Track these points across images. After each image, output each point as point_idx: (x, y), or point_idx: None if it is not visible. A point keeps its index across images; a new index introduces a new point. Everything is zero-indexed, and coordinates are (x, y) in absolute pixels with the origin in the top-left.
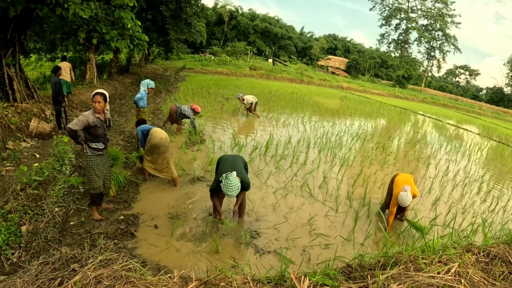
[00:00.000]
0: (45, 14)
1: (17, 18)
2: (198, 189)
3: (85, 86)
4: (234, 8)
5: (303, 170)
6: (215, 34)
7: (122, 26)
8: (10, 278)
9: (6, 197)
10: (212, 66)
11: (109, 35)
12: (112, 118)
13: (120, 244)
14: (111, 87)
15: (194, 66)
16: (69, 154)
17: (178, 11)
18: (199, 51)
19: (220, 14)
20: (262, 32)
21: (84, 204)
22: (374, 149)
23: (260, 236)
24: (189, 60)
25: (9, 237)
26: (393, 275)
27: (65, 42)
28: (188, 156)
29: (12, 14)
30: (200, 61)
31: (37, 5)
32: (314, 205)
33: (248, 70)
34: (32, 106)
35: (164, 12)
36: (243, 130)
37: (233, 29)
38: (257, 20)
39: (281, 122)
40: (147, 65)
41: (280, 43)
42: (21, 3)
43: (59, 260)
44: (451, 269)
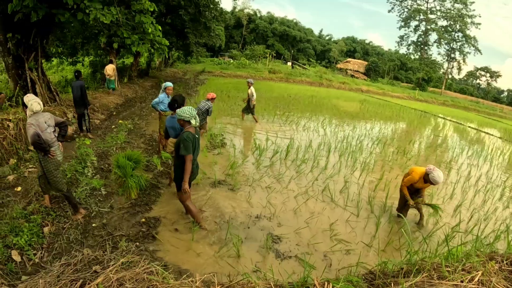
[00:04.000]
0: (67, 19)
1: (39, 23)
2: (219, 193)
3: (106, 90)
4: (252, 12)
5: (324, 174)
6: (233, 37)
7: (143, 31)
8: (32, 279)
9: (29, 198)
10: (231, 70)
11: (130, 40)
12: (133, 121)
13: (141, 247)
14: (131, 90)
15: (213, 69)
16: (91, 156)
17: (197, 15)
18: (218, 55)
19: (238, 17)
20: (281, 35)
21: (106, 206)
22: (395, 154)
23: (281, 241)
24: (208, 63)
25: (32, 237)
26: (416, 283)
27: (86, 46)
28: (209, 159)
29: (34, 19)
30: (219, 64)
31: (59, 10)
32: (335, 210)
33: (267, 74)
34: (54, 109)
35: (184, 16)
36: (263, 133)
37: (252, 33)
38: (275, 23)
39: (301, 125)
40: (167, 68)
41: (298, 46)
42: (43, 9)
43: (81, 262)
44: (475, 278)
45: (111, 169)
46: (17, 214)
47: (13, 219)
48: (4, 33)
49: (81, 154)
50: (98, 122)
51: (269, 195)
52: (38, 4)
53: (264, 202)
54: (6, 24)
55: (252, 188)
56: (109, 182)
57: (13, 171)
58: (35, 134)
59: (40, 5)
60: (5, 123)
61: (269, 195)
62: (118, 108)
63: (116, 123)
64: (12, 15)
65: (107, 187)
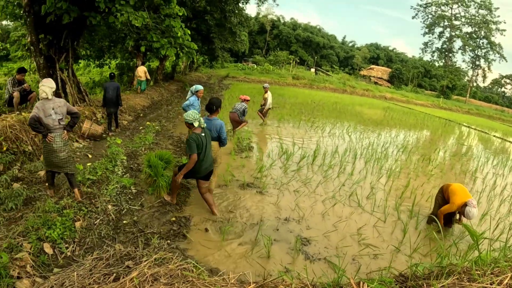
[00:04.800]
0: (98, 22)
1: (71, 25)
2: (248, 195)
3: (133, 92)
4: (276, 18)
5: (351, 180)
6: (257, 43)
7: (172, 35)
8: (64, 271)
9: (61, 193)
10: (255, 75)
11: (159, 43)
12: (160, 123)
13: (173, 245)
14: (157, 93)
15: (237, 74)
16: (121, 155)
17: (222, 20)
18: (242, 60)
19: (262, 23)
20: (304, 41)
21: (136, 204)
22: (420, 161)
23: (310, 243)
24: (232, 68)
25: (64, 231)
26: (448, 285)
27: (113, 50)
28: (237, 162)
29: (66, 21)
30: (243, 69)
31: (91, 13)
32: (362, 215)
33: (291, 80)
34: (84, 109)
35: (209, 21)
36: (289, 138)
37: (275, 38)
38: (299, 29)
39: (326, 131)
40: (191, 73)
41: (322, 53)
42: (75, 11)
43: (113, 257)
44: (504, 281)
45: (140, 168)
46: (49, 208)
47: (46, 212)
48: (37, 34)
49: (112, 153)
50: (126, 123)
51: (297, 198)
52: (70, 6)
53: (293, 205)
54: (38, 25)
55: (280, 192)
56: (139, 181)
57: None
58: (33, 117)
59: (73, 8)
60: None
61: (297, 198)
62: (145, 110)
63: (144, 124)
64: (44, 17)
65: (137, 186)
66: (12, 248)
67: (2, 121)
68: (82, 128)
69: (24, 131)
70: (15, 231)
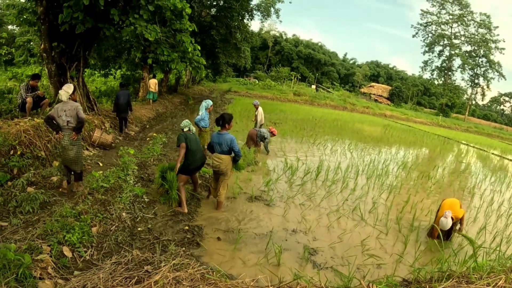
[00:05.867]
0: (111, 33)
1: (84, 35)
2: (256, 207)
3: (138, 103)
4: (278, 34)
5: (353, 195)
6: (259, 58)
7: (183, 50)
8: (84, 274)
9: (75, 199)
10: (257, 90)
11: (170, 57)
12: (166, 135)
13: (188, 252)
14: (162, 106)
15: (239, 89)
16: (133, 165)
17: (228, 35)
18: (244, 75)
19: (264, 39)
20: (306, 58)
21: (149, 212)
22: (420, 178)
23: (317, 253)
24: (234, 83)
25: (83, 236)
26: (448, 287)
27: (118, 60)
28: (244, 175)
29: (79, 31)
30: (245, 84)
31: (105, 25)
32: (365, 228)
33: (292, 96)
34: (93, 118)
35: (215, 36)
36: (293, 154)
37: (277, 54)
38: (300, 46)
39: (328, 148)
40: (194, 86)
41: (323, 69)
42: (90, 22)
43: (132, 261)
44: (498, 282)
45: (150, 178)
46: (66, 213)
47: (63, 217)
48: (50, 42)
49: (124, 162)
50: (133, 134)
51: (303, 211)
52: (86, 17)
53: (299, 218)
54: (52, 33)
55: (287, 205)
56: (150, 190)
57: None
58: (49, 115)
59: (88, 19)
60: None
61: (303, 211)
62: (151, 121)
63: (150, 135)
64: (58, 25)
65: (149, 195)
66: (33, 250)
67: (16, 126)
68: (92, 136)
69: (38, 136)
70: (33, 234)
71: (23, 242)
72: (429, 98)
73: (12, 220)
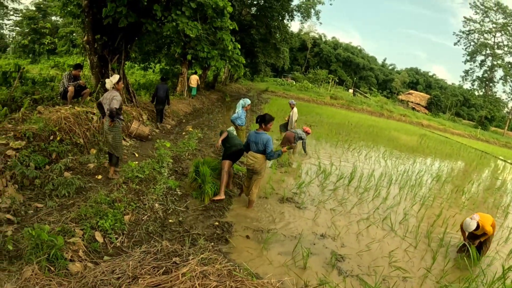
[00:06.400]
0: (153, 29)
1: (126, 29)
2: (287, 208)
3: (176, 98)
4: (317, 36)
5: (385, 204)
6: (297, 59)
7: (223, 47)
8: (114, 260)
9: (110, 187)
10: (293, 91)
11: (210, 54)
12: (202, 131)
13: (216, 248)
14: (199, 102)
15: (276, 89)
16: (168, 158)
17: (267, 35)
18: (282, 75)
19: (303, 40)
20: (344, 61)
21: (181, 205)
22: (454, 192)
23: (344, 260)
24: (271, 83)
25: (115, 223)
26: None
27: (158, 54)
28: (277, 176)
29: (122, 25)
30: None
31: (147, 20)
32: (394, 239)
33: (329, 99)
34: (131, 109)
35: (254, 35)
36: (327, 158)
37: (316, 56)
38: (339, 49)
39: (363, 154)
40: (232, 84)
41: (361, 74)
42: (133, 17)
43: (161, 252)
44: None
45: (184, 172)
46: (101, 199)
47: (97, 203)
48: (93, 34)
49: (160, 155)
50: (169, 127)
51: (333, 217)
52: (130, 12)
53: (329, 223)
54: (96, 26)
55: (318, 209)
56: (183, 184)
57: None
58: (99, 101)
59: (131, 13)
60: (90, 116)
61: (333, 217)
62: (187, 116)
63: (186, 130)
64: (101, 19)
65: (182, 189)
66: (66, 233)
67: (57, 113)
68: (130, 127)
69: (77, 124)
70: (67, 217)
71: (57, 224)
72: (468, 109)
73: (47, 202)
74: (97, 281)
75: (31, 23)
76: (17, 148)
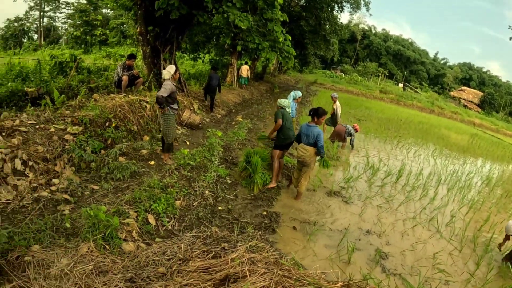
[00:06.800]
0: (204, 20)
1: (177, 21)
2: (334, 202)
3: (225, 88)
4: (367, 27)
5: (432, 204)
6: (346, 51)
7: (274, 39)
8: (165, 242)
9: (162, 173)
10: (342, 84)
11: (261, 45)
12: (251, 121)
13: (263, 236)
14: (248, 92)
15: (324, 81)
16: (218, 147)
17: (317, 27)
18: (330, 67)
19: (353, 32)
20: (394, 54)
21: (231, 194)
22: (504, 197)
23: (388, 258)
24: (320, 75)
25: (167, 207)
26: None
27: (207, 45)
28: (325, 169)
29: (173, 16)
30: (331, 77)
31: (199, 12)
32: (439, 241)
33: (378, 93)
34: (182, 99)
35: (304, 27)
36: (375, 153)
37: (365, 49)
38: (389, 42)
39: (411, 151)
40: (280, 75)
41: (411, 68)
42: (185, 9)
43: (210, 237)
44: None
45: (234, 161)
46: (154, 184)
47: (151, 187)
48: (145, 26)
49: (211, 143)
50: (219, 117)
51: (379, 214)
52: (181, 4)
53: (375, 220)
54: (148, 18)
55: (365, 204)
56: (233, 173)
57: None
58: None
59: (183, 5)
60: (143, 104)
61: (379, 214)
62: (236, 106)
63: (236, 120)
64: (153, 11)
65: (231, 177)
66: (120, 214)
67: (112, 101)
68: (181, 116)
69: (132, 112)
70: (122, 199)
71: (112, 205)
72: None
73: (103, 184)
74: (149, 261)
75: (83, 15)
76: (74, 133)
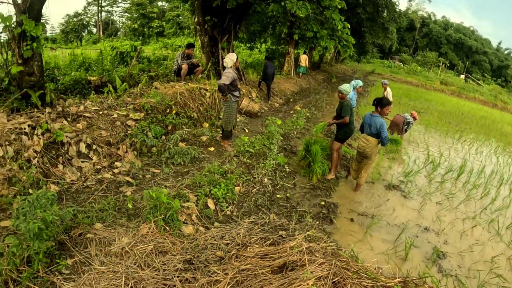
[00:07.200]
0: (262, 9)
1: (234, 10)
2: (393, 196)
3: (283, 77)
4: (426, 15)
5: (493, 205)
6: (405, 40)
7: (332, 27)
8: (224, 226)
9: (222, 159)
10: (401, 74)
11: (319, 34)
12: (310, 110)
13: (321, 227)
14: (305, 81)
15: (382, 72)
16: (278, 135)
17: (375, 14)
18: (389, 57)
19: (411, 19)
20: (455, 43)
21: (289, 182)
22: None
23: (445, 257)
24: (378, 65)
25: (227, 192)
26: None
27: (263, 34)
28: (384, 162)
29: (230, 6)
30: (389, 67)
31: (256, 0)
32: (499, 245)
33: (439, 84)
34: (241, 87)
35: (361, 14)
36: (436, 148)
37: (424, 37)
38: (450, 30)
39: (473, 148)
40: (337, 64)
41: (473, 58)
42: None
43: (268, 224)
44: None
45: (293, 150)
46: (214, 170)
47: (211, 173)
48: (203, 16)
49: (270, 131)
50: (277, 106)
51: (439, 211)
52: None
53: (434, 217)
54: (205, 8)
55: (424, 200)
56: (292, 161)
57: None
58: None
59: None
60: (203, 92)
61: (439, 211)
62: (294, 95)
63: (294, 109)
64: (210, 1)
65: (290, 166)
66: (181, 197)
67: (172, 88)
68: (240, 104)
69: (192, 99)
70: (182, 183)
71: (172, 189)
72: None
73: (164, 168)
74: (207, 244)
75: (139, 8)
76: (136, 119)
